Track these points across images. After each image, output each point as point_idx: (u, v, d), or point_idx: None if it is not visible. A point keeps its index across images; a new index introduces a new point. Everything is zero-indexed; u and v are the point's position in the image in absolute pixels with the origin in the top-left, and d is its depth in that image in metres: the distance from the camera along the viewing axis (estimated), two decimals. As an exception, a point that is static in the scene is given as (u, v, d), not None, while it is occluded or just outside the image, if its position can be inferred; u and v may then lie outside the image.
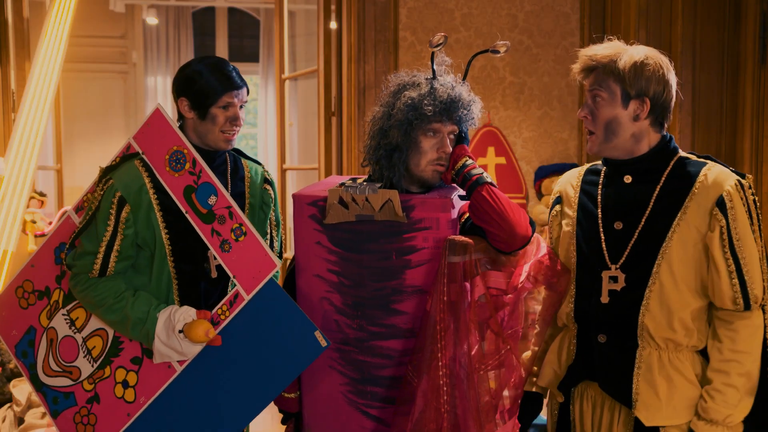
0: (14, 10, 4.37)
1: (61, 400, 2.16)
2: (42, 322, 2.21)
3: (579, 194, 1.99)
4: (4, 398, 3.77)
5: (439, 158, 1.93)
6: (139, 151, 2.09)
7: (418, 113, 1.90)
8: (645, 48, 1.88)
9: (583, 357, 1.93)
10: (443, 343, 1.85)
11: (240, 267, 1.98)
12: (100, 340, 2.15)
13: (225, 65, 2.11)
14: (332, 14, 4.03)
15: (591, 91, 1.87)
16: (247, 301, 1.97)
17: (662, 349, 1.84)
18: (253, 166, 2.28)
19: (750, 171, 3.37)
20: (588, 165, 2.04)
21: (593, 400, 1.95)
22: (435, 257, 1.88)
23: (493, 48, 2.01)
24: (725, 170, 1.83)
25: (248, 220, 2.00)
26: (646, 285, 1.83)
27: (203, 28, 8.84)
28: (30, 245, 4.35)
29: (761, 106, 3.31)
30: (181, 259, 2.10)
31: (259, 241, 1.97)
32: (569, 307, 1.96)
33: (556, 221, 2.05)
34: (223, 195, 2.00)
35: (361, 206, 1.90)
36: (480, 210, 1.87)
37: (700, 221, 1.80)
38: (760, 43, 3.30)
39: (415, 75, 2.00)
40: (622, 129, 1.86)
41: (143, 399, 2.06)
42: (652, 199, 1.85)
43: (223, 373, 2.02)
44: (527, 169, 4.05)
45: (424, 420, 1.85)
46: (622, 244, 1.87)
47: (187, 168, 2.04)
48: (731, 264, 1.77)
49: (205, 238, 2.02)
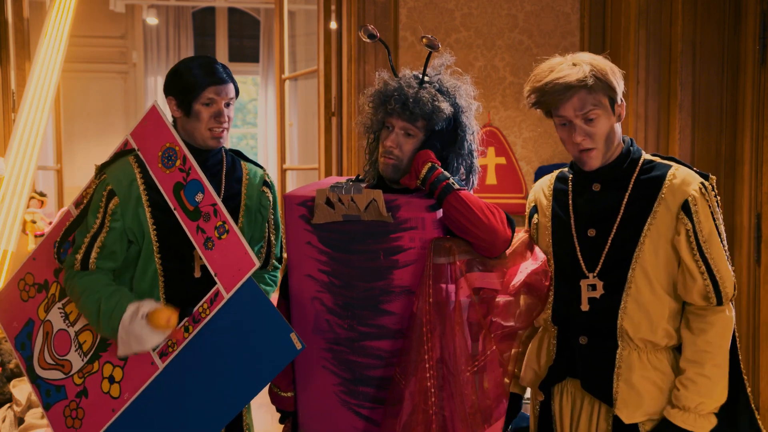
0: (14, 10, 4.36)
1: (53, 393, 2.18)
2: (40, 315, 2.24)
3: (552, 203, 2.02)
4: (4, 398, 3.77)
5: (385, 151, 1.95)
6: (135, 147, 2.11)
7: (371, 105, 1.99)
8: (586, 54, 1.89)
9: (564, 357, 1.96)
10: (430, 345, 1.85)
11: (221, 265, 1.97)
12: (90, 335, 2.16)
13: (210, 62, 2.11)
14: (332, 14, 4.02)
15: (584, 114, 1.83)
16: (226, 299, 1.95)
17: (641, 350, 1.87)
18: (252, 169, 2.27)
19: (750, 171, 3.37)
20: (557, 172, 2.07)
21: (573, 395, 1.98)
22: (422, 257, 1.88)
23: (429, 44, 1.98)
24: (690, 173, 1.87)
25: (232, 218, 1.99)
26: (623, 290, 1.87)
27: (203, 28, 8.85)
28: (30, 245, 4.35)
29: (761, 106, 3.31)
30: (168, 256, 2.10)
31: (240, 239, 1.95)
32: (546, 313, 1.99)
33: (534, 231, 2.07)
34: (209, 192, 2.00)
35: (347, 206, 1.90)
36: (453, 220, 1.86)
37: (668, 224, 1.84)
38: (760, 43, 3.29)
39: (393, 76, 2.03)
40: (615, 135, 1.90)
41: (127, 395, 2.06)
42: (621, 205, 1.88)
43: (203, 372, 2.01)
44: (527, 169, 4.05)
45: (413, 422, 1.85)
46: (596, 252, 1.90)
47: (178, 165, 2.04)
48: (701, 265, 1.82)
49: (191, 235, 2.02)
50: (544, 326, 2.02)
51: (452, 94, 1.97)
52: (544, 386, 2.01)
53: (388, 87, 1.95)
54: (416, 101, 1.90)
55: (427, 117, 1.92)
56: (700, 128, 3.53)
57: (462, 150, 2.00)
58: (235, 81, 2.15)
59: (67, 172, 5.40)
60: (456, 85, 2.00)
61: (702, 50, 3.50)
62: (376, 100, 1.98)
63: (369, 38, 2.03)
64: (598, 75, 1.82)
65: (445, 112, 1.93)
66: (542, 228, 2.04)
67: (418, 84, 1.94)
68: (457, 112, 1.98)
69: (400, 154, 1.94)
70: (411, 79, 1.96)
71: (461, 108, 1.99)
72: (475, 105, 2.03)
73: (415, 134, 1.94)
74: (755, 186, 3.34)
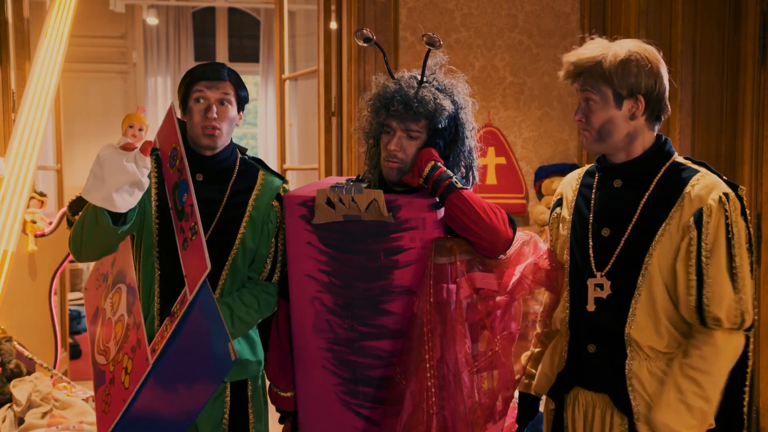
0: (14, 10, 4.36)
1: (98, 376, 2.24)
2: (101, 304, 2.31)
3: (576, 197, 1.96)
4: (4, 398, 3.77)
5: (388, 154, 1.94)
6: (156, 147, 2.19)
7: (371, 109, 1.97)
8: (630, 42, 1.81)
9: (574, 365, 1.91)
10: (431, 345, 1.84)
11: (189, 266, 1.96)
12: (120, 326, 2.19)
13: (211, 63, 2.13)
14: (332, 14, 4.02)
15: (583, 93, 1.82)
16: (189, 301, 1.93)
17: (651, 359, 1.80)
18: (269, 181, 2.21)
19: (750, 171, 3.37)
20: (588, 166, 2.01)
21: (584, 407, 1.92)
22: (422, 257, 1.87)
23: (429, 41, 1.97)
24: (716, 181, 1.76)
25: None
26: (631, 294, 1.79)
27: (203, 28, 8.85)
28: (30, 245, 4.34)
29: (761, 106, 3.31)
30: (165, 253, 2.10)
31: (202, 241, 1.91)
32: (564, 314, 1.93)
33: (555, 224, 2.03)
34: (191, 192, 1.99)
35: (348, 206, 1.90)
36: (455, 219, 1.86)
37: (680, 233, 1.75)
38: (760, 43, 3.29)
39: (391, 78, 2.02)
40: (617, 130, 1.81)
41: (132, 387, 2.08)
42: (639, 205, 1.81)
43: (179, 370, 2.00)
44: (527, 169, 4.05)
45: (413, 422, 1.84)
46: (608, 252, 1.84)
47: (177, 165, 2.06)
48: (692, 279, 1.72)
49: (176, 234, 2.04)
50: (561, 330, 1.96)
51: (450, 91, 1.98)
52: (554, 393, 1.95)
53: (388, 89, 1.94)
54: (419, 101, 1.90)
55: (430, 116, 1.91)
56: (700, 128, 3.53)
57: (463, 147, 2.00)
58: (241, 83, 2.14)
59: (67, 172, 5.39)
60: (453, 83, 2.00)
61: (702, 50, 3.50)
62: (376, 103, 1.96)
63: (365, 42, 2.01)
64: (612, 65, 1.76)
65: (447, 110, 1.92)
66: (563, 221, 1.98)
67: (417, 84, 1.94)
68: (456, 110, 1.98)
69: (404, 157, 1.94)
70: (410, 80, 1.95)
71: (460, 105, 1.99)
72: (471, 102, 2.03)
73: (418, 135, 1.94)
74: (755, 186, 3.34)
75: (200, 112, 2.07)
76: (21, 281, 4.27)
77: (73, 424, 3.54)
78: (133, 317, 2.15)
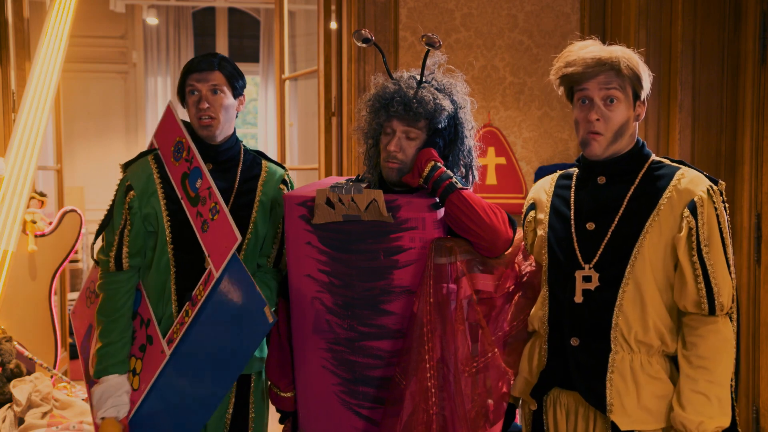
0: (14, 10, 4.36)
1: None
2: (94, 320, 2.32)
3: (552, 199, 1.98)
4: (4, 398, 3.77)
5: (388, 155, 1.94)
6: (156, 147, 2.23)
7: (370, 110, 1.98)
8: (622, 48, 1.86)
9: (555, 362, 1.91)
10: (431, 345, 1.84)
11: (213, 245, 2.01)
12: None
13: (205, 54, 2.18)
14: (332, 14, 4.02)
15: (607, 90, 1.81)
16: (216, 277, 1.97)
17: (635, 353, 1.83)
18: (272, 168, 2.30)
19: (750, 171, 3.37)
20: (560, 172, 2.04)
21: (566, 407, 1.92)
22: (422, 257, 1.88)
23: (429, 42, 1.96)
24: (699, 175, 1.83)
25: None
26: (619, 285, 1.82)
27: (203, 28, 8.84)
28: (30, 245, 4.34)
29: (761, 106, 3.30)
30: (180, 248, 2.13)
31: (227, 216, 1.99)
32: (543, 311, 1.94)
33: (530, 228, 2.04)
34: (206, 176, 2.06)
35: (347, 206, 1.90)
36: (455, 219, 1.86)
37: (671, 224, 1.80)
38: (760, 43, 3.29)
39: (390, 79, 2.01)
40: (627, 131, 1.86)
41: (143, 386, 2.09)
42: (625, 199, 1.85)
43: (205, 352, 2.02)
44: (527, 170, 4.05)
45: (413, 422, 1.84)
46: (594, 244, 1.86)
47: (184, 156, 2.12)
48: (698, 268, 1.77)
49: (192, 221, 2.08)
50: (538, 329, 1.96)
51: (449, 91, 1.98)
52: (536, 393, 1.95)
53: (387, 90, 1.94)
54: (419, 101, 1.90)
55: (430, 116, 1.91)
56: (700, 128, 3.53)
57: (462, 146, 2.00)
58: (233, 71, 2.16)
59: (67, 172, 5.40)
60: (452, 83, 2.00)
61: (702, 50, 3.50)
62: (375, 103, 1.96)
63: (363, 42, 2.01)
64: (630, 65, 1.81)
65: (446, 110, 1.93)
66: (539, 223, 1.99)
67: (416, 84, 1.94)
68: (456, 109, 1.98)
69: (404, 158, 1.94)
70: (409, 80, 1.95)
71: (459, 105, 1.99)
72: (470, 101, 2.03)
73: (417, 136, 1.94)
74: (755, 186, 3.34)
75: (194, 104, 2.13)
76: (21, 281, 4.27)
77: (73, 424, 3.54)
78: (139, 317, 2.15)
